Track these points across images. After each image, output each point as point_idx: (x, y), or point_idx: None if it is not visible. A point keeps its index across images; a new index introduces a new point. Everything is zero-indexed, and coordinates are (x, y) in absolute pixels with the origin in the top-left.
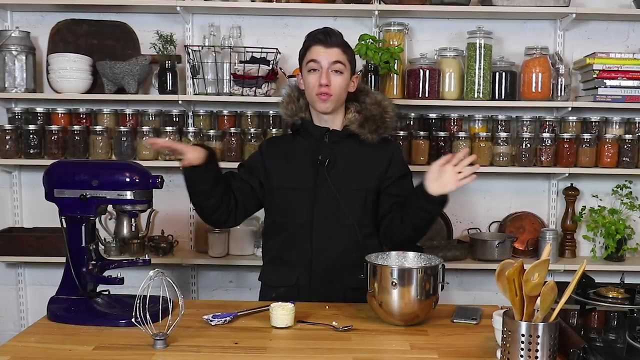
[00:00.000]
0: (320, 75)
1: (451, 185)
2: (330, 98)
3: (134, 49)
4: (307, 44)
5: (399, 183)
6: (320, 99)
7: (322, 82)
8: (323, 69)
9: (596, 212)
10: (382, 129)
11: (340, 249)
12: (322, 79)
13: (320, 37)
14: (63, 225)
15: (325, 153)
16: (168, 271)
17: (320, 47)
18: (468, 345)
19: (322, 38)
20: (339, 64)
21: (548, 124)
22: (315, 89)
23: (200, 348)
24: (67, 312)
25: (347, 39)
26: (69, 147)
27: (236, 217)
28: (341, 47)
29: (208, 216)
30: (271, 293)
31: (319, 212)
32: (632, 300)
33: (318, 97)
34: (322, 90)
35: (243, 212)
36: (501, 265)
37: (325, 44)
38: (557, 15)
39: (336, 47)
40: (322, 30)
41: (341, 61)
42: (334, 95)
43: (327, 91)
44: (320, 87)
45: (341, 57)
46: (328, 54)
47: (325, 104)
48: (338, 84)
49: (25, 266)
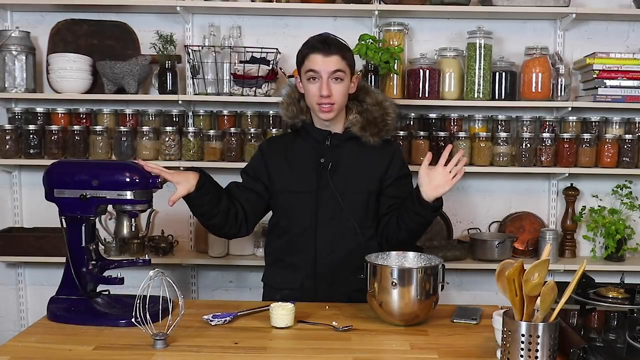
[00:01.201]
0: (320, 85)
1: (445, 186)
2: (332, 107)
3: (134, 49)
4: (305, 51)
5: (397, 184)
6: (322, 109)
7: (322, 94)
8: (323, 79)
9: (596, 212)
10: (384, 131)
11: (344, 251)
12: (322, 90)
13: (318, 45)
14: (63, 225)
15: (328, 156)
16: (168, 271)
17: (319, 56)
18: (468, 345)
19: (321, 47)
20: (339, 72)
21: (548, 124)
22: (316, 98)
23: (200, 348)
24: (67, 312)
25: (347, 39)
26: (69, 147)
27: (247, 227)
28: (340, 54)
29: (217, 232)
30: (275, 295)
31: (322, 215)
32: (632, 300)
33: (320, 107)
34: (324, 101)
35: (253, 220)
36: (501, 265)
37: (324, 53)
38: (557, 15)
39: (335, 54)
40: (320, 39)
41: (341, 69)
42: (336, 103)
43: (329, 101)
44: (321, 97)
45: (341, 65)
46: (327, 64)
47: (328, 114)
48: (339, 92)
49: (25, 266)
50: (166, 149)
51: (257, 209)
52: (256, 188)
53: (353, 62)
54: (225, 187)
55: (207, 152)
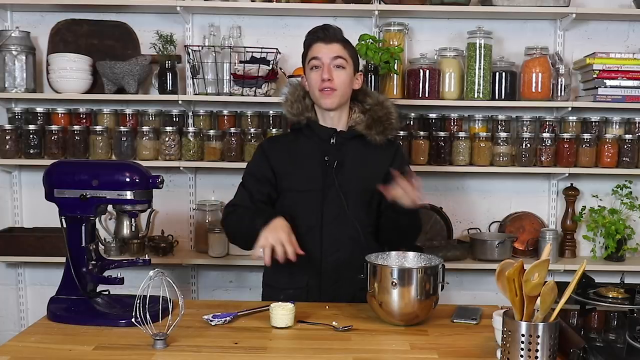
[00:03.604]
0: (322, 71)
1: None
2: (334, 93)
3: (134, 49)
4: (307, 42)
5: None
6: (324, 94)
7: (324, 77)
8: (324, 64)
9: (596, 212)
10: (389, 130)
11: (348, 250)
12: (324, 74)
13: (319, 34)
14: (63, 225)
15: (333, 154)
16: (168, 271)
17: (321, 44)
18: (468, 345)
19: (322, 35)
20: (340, 59)
21: (548, 124)
22: (318, 84)
23: (200, 348)
24: (67, 312)
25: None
26: (69, 147)
27: None
28: (341, 43)
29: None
30: (279, 295)
31: (328, 213)
32: (632, 300)
33: (322, 92)
34: (325, 85)
35: None
36: (501, 265)
37: (325, 40)
38: (557, 15)
39: (336, 42)
40: (321, 27)
41: (342, 56)
42: (337, 89)
43: (330, 85)
44: (323, 82)
45: (342, 52)
46: (328, 50)
47: (330, 99)
48: (341, 79)
49: (25, 266)
50: (166, 149)
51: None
52: (269, 192)
53: (356, 56)
54: (233, 201)
55: (207, 152)
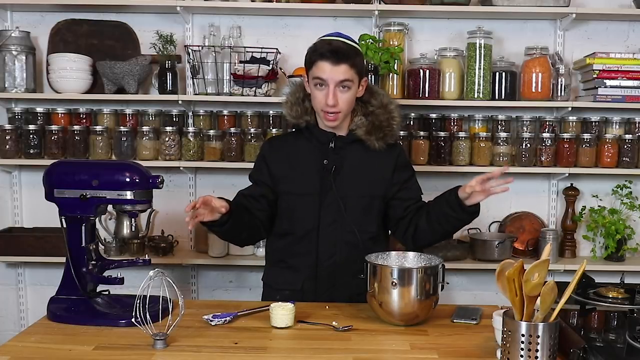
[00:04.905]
0: (327, 94)
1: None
2: (337, 116)
3: (134, 49)
4: (313, 58)
5: (408, 186)
6: (326, 118)
7: (329, 103)
8: (330, 87)
9: (596, 212)
10: (389, 136)
11: (345, 254)
12: (328, 99)
13: (327, 54)
14: (63, 225)
15: (332, 159)
16: (168, 271)
17: (327, 65)
18: (468, 345)
19: (330, 56)
20: (347, 82)
21: (548, 124)
22: (321, 105)
23: (200, 348)
24: (67, 312)
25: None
26: (69, 147)
27: (267, 232)
28: (349, 63)
29: (242, 245)
30: (275, 295)
31: (325, 217)
32: (632, 300)
33: (325, 115)
34: (329, 109)
35: (270, 224)
36: (501, 265)
37: (333, 62)
38: (557, 15)
39: (344, 63)
40: (330, 49)
41: (349, 78)
42: (341, 112)
43: (334, 110)
44: (326, 106)
45: (349, 74)
46: (335, 73)
47: (333, 123)
48: (345, 101)
49: (25, 266)
50: (166, 149)
51: (271, 212)
52: (264, 194)
53: (362, 66)
54: (235, 198)
55: (207, 152)
